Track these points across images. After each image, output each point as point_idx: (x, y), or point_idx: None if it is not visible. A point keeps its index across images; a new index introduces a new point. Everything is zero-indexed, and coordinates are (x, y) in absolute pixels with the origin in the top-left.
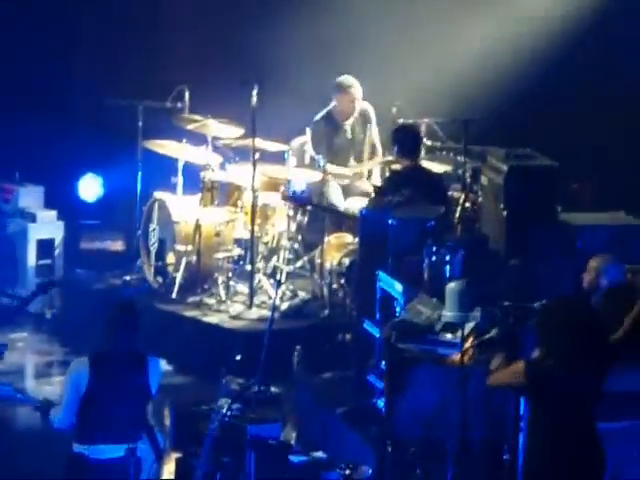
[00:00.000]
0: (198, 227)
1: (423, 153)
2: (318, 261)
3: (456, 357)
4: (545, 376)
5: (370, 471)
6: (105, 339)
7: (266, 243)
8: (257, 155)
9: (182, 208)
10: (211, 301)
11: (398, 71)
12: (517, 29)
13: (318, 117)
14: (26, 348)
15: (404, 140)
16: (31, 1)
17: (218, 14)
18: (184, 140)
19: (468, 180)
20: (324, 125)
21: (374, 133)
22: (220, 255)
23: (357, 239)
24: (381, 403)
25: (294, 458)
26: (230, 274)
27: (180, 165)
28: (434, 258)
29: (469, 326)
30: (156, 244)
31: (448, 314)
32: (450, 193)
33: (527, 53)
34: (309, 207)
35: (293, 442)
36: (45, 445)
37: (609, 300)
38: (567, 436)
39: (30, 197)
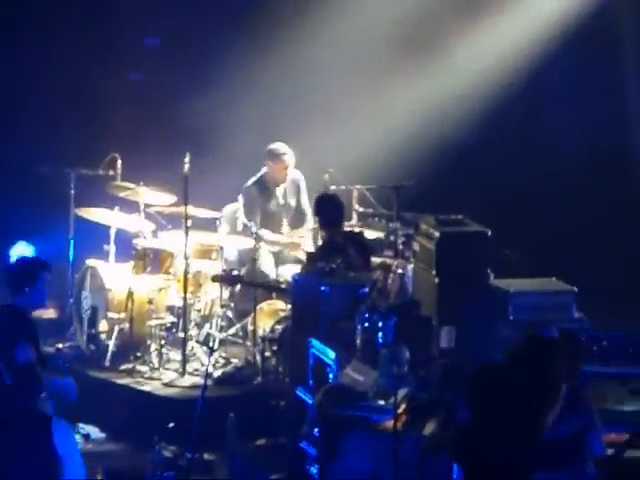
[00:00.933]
0: (130, 294)
1: (355, 220)
2: (250, 328)
3: (389, 423)
4: (469, 445)
5: None
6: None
7: (199, 310)
8: (189, 222)
9: (114, 275)
10: (144, 369)
11: (330, 138)
12: (445, 94)
13: (250, 183)
14: None
15: (326, 210)
16: None
17: (151, 81)
18: (116, 208)
19: (400, 246)
20: (256, 191)
21: (304, 201)
22: (153, 322)
23: (289, 306)
24: (314, 470)
25: None
26: (163, 341)
27: (112, 232)
28: (366, 324)
29: (402, 392)
30: (89, 312)
31: (380, 380)
32: (382, 259)
33: (457, 118)
34: (237, 285)
35: None
36: None
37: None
38: None
39: None
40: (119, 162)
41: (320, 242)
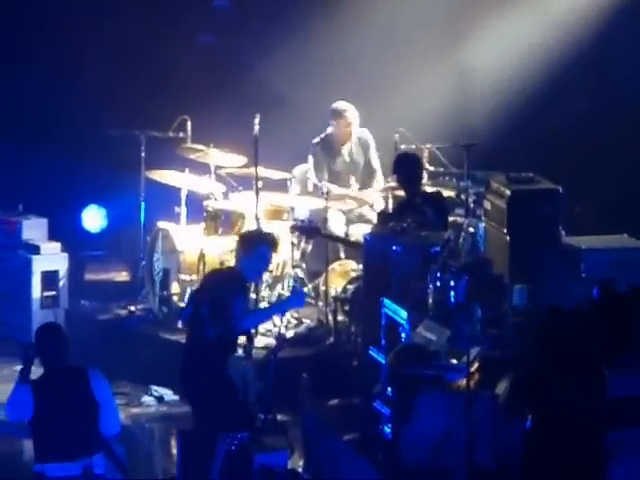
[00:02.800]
0: (202, 256)
1: (426, 179)
2: (322, 288)
3: (462, 382)
4: (538, 389)
5: None
6: (41, 364)
7: (270, 271)
8: (260, 183)
9: (186, 237)
10: None
11: (400, 97)
12: (518, 53)
13: (316, 140)
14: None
15: (405, 169)
16: (34, 34)
17: (220, 42)
18: (187, 170)
19: (471, 205)
20: (320, 149)
21: (373, 159)
22: None
23: (361, 266)
24: (388, 430)
25: None
26: None
27: (183, 195)
28: (438, 283)
29: (474, 351)
30: (160, 274)
31: (453, 339)
32: (453, 218)
33: (529, 77)
34: (315, 237)
35: (300, 470)
36: None
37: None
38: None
39: (34, 229)
40: (189, 124)
41: (391, 201)
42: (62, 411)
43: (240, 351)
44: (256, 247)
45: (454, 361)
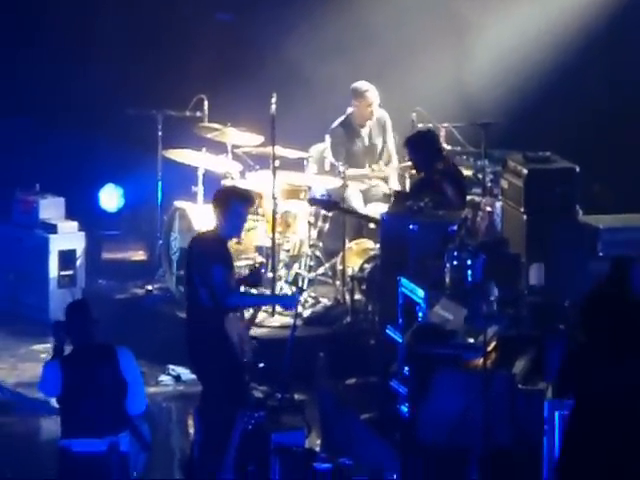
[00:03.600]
0: None
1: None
2: (339, 267)
3: (479, 361)
4: (581, 371)
5: (395, 477)
6: (70, 340)
7: (287, 250)
8: (277, 163)
9: (203, 217)
10: None
11: (417, 76)
12: (535, 32)
13: (336, 124)
14: None
15: (420, 148)
16: (53, 15)
17: (235, 22)
18: (204, 149)
19: (489, 184)
20: (342, 131)
21: (389, 140)
22: (241, 263)
23: (378, 245)
24: (405, 409)
25: (319, 465)
26: None
27: (200, 174)
28: (455, 262)
29: (491, 330)
30: (177, 253)
31: (470, 318)
32: (470, 197)
33: (546, 55)
34: (334, 211)
35: (318, 449)
36: None
37: None
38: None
39: (51, 208)
40: (206, 103)
41: (408, 180)
42: (90, 388)
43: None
44: (229, 203)
45: (471, 340)
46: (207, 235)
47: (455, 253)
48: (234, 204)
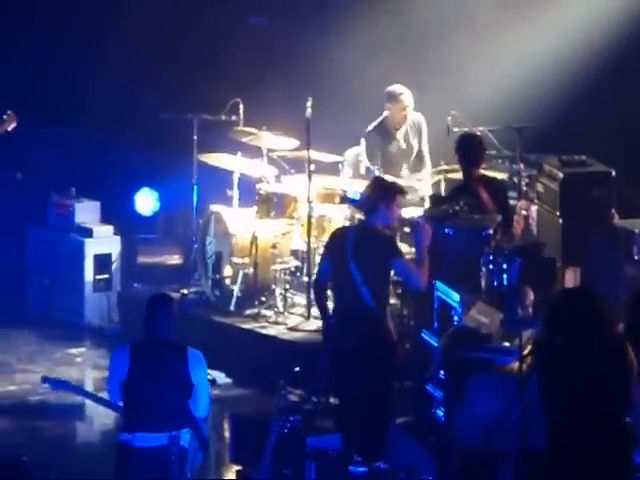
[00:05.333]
0: (255, 239)
1: None
2: None
3: (515, 365)
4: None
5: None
6: (145, 331)
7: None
8: (312, 166)
9: (238, 221)
10: (269, 313)
11: (454, 80)
12: (571, 35)
13: (371, 127)
14: (85, 363)
15: (467, 150)
16: (90, 20)
17: (270, 26)
18: (239, 153)
19: (524, 188)
20: (377, 135)
21: (424, 144)
22: (277, 267)
23: (413, 249)
24: (440, 412)
25: (354, 469)
26: (287, 286)
27: (235, 178)
28: (491, 266)
29: (527, 334)
30: (213, 257)
31: (506, 322)
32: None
33: (582, 59)
34: None
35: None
36: None
37: None
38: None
39: (86, 212)
40: (241, 107)
41: (444, 184)
42: (155, 381)
43: None
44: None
45: (506, 344)
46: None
47: (491, 257)
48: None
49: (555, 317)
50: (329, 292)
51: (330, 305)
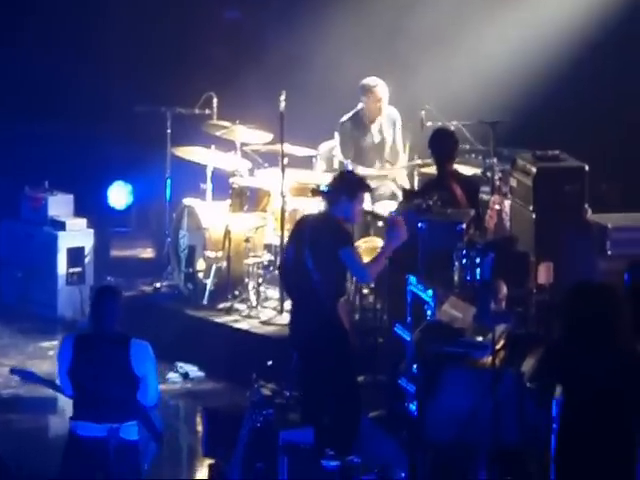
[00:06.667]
0: (228, 233)
1: None
2: None
3: (488, 360)
4: (565, 360)
5: (403, 475)
6: (91, 322)
7: None
8: (286, 160)
9: (211, 214)
10: (242, 307)
11: (426, 74)
12: (544, 29)
13: (345, 118)
14: None
15: (441, 144)
16: (61, 14)
17: (244, 19)
18: (213, 146)
19: (497, 183)
20: (351, 127)
21: (398, 138)
22: (250, 261)
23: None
24: (413, 407)
25: (327, 463)
26: (260, 280)
27: (209, 171)
28: (464, 261)
29: (500, 328)
30: (186, 251)
31: (478, 316)
32: (479, 196)
33: (555, 54)
34: None
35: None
36: None
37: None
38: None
39: (60, 205)
40: (215, 100)
41: (417, 179)
42: (97, 372)
43: None
44: None
45: (479, 338)
46: None
47: (464, 251)
48: None
49: (572, 307)
50: None
51: None
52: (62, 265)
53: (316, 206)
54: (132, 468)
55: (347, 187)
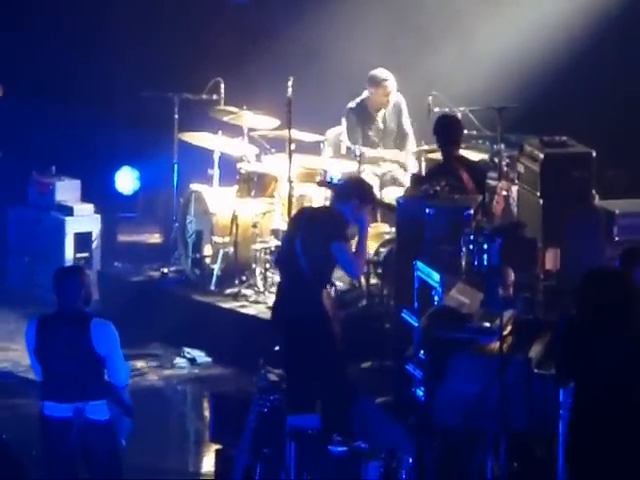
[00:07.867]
0: (235, 218)
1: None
2: None
3: (495, 345)
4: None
5: (410, 460)
6: (57, 301)
7: None
8: (293, 146)
9: (219, 200)
10: (249, 292)
11: (434, 60)
12: (553, 16)
13: (352, 104)
14: None
15: (445, 130)
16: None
17: (251, 5)
18: (220, 132)
19: (505, 168)
20: (356, 114)
21: (406, 123)
22: (257, 246)
23: (394, 229)
24: (420, 392)
25: (334, 448)
26: (268, 265)
27: (216, 157)
28: (471, 246)
29: (507, 314)
30: (193, 236)
31: (486, 302)
32: (487, 181)
33: (563, 40)
34: None
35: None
36: None
37: None
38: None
39: (67, 191)
40: (222, 86)
41: (424, 165)
42: (58, 352)
43: None
44: None
45: (487, 324)
46: None
47: (471, 237)
48: None
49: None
50: None
51: None
52: (69, 250)
53: (323, 192)
54: (106, 446)
55: (361, 192)
